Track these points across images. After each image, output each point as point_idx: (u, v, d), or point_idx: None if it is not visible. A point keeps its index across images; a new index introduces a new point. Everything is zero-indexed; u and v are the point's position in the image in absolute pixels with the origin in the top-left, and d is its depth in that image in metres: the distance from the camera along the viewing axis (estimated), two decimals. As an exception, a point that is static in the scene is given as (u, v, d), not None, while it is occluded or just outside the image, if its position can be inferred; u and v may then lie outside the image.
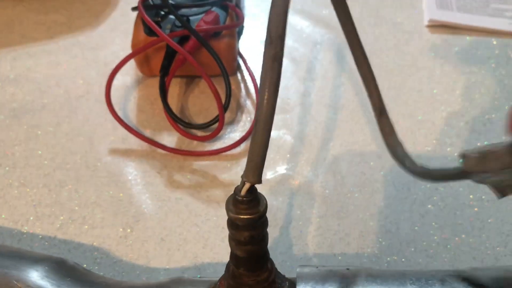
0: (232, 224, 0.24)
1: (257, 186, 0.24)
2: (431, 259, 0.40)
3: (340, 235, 0.41)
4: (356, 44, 0.27)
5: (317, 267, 0.32)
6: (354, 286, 0.29)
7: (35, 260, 0.33)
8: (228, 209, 0.24)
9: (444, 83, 0.52)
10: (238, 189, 0.24)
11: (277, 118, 0.47)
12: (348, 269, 0.31)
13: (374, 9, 0.59)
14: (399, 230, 0.41)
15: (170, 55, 0.47)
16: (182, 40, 0.48)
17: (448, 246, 0.40)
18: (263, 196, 0.25)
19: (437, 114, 0.49)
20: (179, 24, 0.47)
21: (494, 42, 0.55)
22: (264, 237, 0.25)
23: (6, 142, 0.48)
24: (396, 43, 0.56)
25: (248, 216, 0.24)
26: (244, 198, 0.23)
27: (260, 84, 0.21)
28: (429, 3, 0.58)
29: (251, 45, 0.56)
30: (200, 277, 0.36)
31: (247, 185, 0.23)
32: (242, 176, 0.23)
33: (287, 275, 0.31)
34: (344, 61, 0.54)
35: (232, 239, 0.25)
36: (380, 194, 0.43)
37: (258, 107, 0.21)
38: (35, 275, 0.31)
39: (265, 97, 0.21)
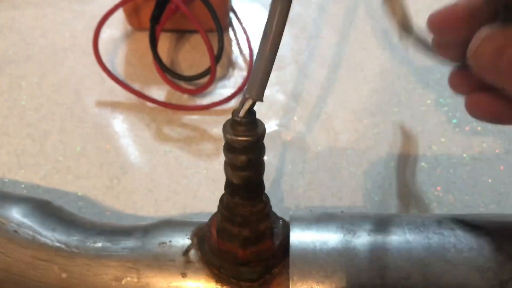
0: (229, 147, 0.23)
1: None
2: (423, 215, 0.39)
3: (332, 190, 0.41)
4: None
5: (310, 210, 0.31)
6: (350, 225, 0.28)
7: (19, 199, 0.31)
8: (225, 131, 0.23)
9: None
10: (237, 111, 0.23)
11: (271, 74, 0.46)
12: (342, 211, 0.31)
13: None
14: (392, 186, 0.41)
15: (161, 4, 0.46)
16: (174, -10, 0.46)
17: (441, 203, 0.40)
18: (261, 121, 0.24)
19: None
20: (171, -27, 0.46)
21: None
22: (261, 164, 0.24)
23: (-12, 92, 0.46)
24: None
25: (246, 138, 0.23)
26: (243, 119, 0.22)
27: None
28: None
29: (245, 1, 0.54)
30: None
31: (249, 102, 0.22)
32: (244, 93, 0.22)
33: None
34: (339, 19, 0.53)
35: (228, 165, 0.24)
36: (373, 151, 0.43)
37: (267, 22, 0.20)
38: (18, 211, 0.30)
39: (278, 10, 0.20)
